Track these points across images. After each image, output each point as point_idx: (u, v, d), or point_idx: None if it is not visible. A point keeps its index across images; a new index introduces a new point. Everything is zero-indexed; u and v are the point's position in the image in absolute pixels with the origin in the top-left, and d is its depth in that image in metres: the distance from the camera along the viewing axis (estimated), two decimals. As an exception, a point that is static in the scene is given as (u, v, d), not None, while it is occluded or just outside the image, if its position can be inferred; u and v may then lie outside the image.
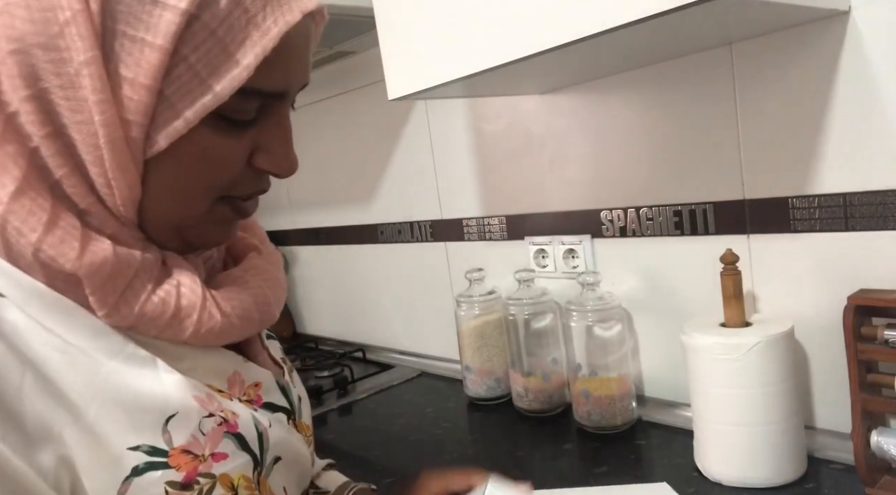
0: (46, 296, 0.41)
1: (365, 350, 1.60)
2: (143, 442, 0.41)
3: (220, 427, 0.45)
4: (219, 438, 0.45)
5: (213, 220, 0.48)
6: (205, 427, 0.44)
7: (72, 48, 0.39)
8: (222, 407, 0.46)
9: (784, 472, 0.81)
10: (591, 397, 1.04)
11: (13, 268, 0.41)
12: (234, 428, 0.46)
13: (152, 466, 0.41)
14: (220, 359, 0.49)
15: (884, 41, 0.77)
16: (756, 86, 0.88)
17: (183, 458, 0.42)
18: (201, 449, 0.43)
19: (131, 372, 0.42)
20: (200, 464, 0.43)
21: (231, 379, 0.49)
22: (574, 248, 1.15)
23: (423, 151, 1.41)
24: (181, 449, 0.42)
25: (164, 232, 0.47)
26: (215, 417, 0.45)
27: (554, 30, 0.71)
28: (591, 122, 1.09)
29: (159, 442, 0.42)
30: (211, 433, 0.44)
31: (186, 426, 0.43)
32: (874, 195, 0.80)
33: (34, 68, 0.39)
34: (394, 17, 0.91)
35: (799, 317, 0.86)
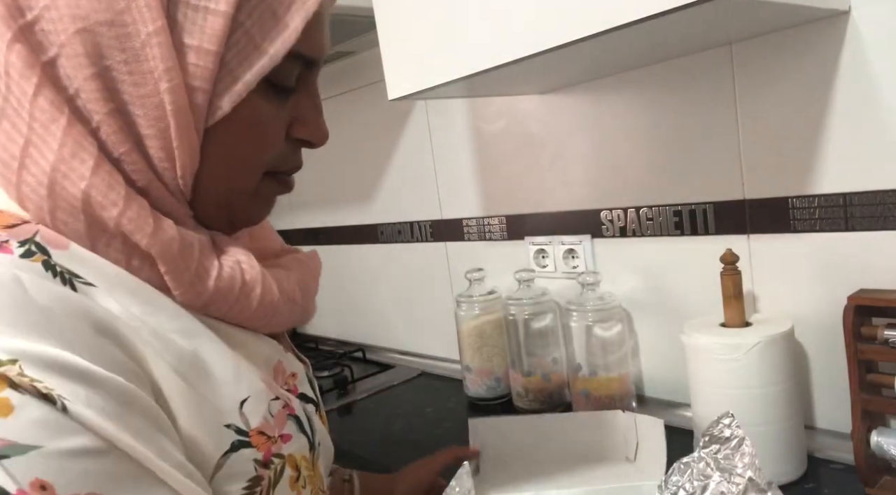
0: (129, 281, 0.42)
1: (365, 350, 1.60)
2: (232, 422, 0.43)
3: (285, 409, 0.47)
4: (284, 420, 0.47)
5: (258, 196, 0.49)
6: (273, 409, 0.46)
7: (138, 21, 0.40)
8: (281, 391, 0.48)
9: (784, 472, 0.80)
10: (591, 397, 1.04)
11: (92, 254, 0.41)
12: (293, 410, 0.48)
13: (243, 444, 0.43)
14: (268, 347, 0.51)
15: (884, 41, 0.77)
16: (756, 86, 0.88)
17: (260, 439, 0.44)
18: (272, 430, 0.45)
19: (209, 355, 0.44)
20: (273, 445, 0.45)
21: (276, 367, 0.51)
22: (574, 248, 1.15)
23: (423, 151, 1.41)
24: (257, 431, 0.44)
25: (214, 208, 0.47)
26: (280, 400, 0.47)
27: (554, 30, 0.71)
28: (591, 122, 1.09)
29: (240, 423, 0.43)
30: (278, 415, 0.46)
31: (258, 408, 0.45)
32: (874, 195, 0.80)
33: (99, 46, 0.40)
34: (394, 17, 0.91)
35: (799, 317, 0.86)
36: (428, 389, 1.36)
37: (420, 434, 1.12)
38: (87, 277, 0.40)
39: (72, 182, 0.40)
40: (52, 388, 0.34)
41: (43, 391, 0.33)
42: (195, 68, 0.42)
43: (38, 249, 0.39)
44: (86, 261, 0.41)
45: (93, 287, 0.40)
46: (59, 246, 0.41)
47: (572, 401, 1.09)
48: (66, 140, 0.40)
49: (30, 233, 0.40)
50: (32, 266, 0.38)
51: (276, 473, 0.45)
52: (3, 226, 0.40)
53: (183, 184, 0.44)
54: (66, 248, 0.41)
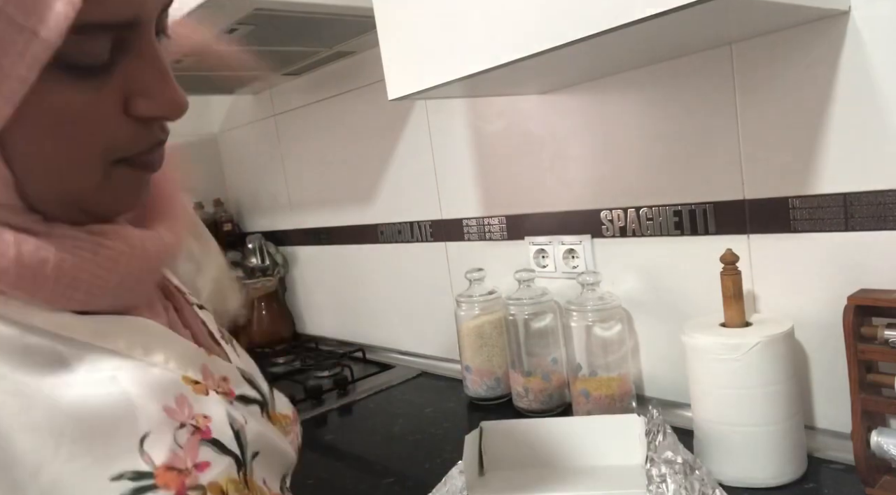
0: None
1: (365, 350, 1.60)
2: (125, 469, 0.38)
3: (195, 436, 0.42)
4: (196, 447, 0.42)
5: (115, 187, 0.42)
6: (180, 439, 0.41)
7: None
8: (193, 413, 0.43)
9: (784, 472, 0.80)
10: (591, 397, 1.04)
11: None
12: (208, 433, 0.43)
13: (140, 490, 0.38)
14: (189, 349, 0.47)
15: (884, 41, 0.77)
16: (756, 86, 0.88)
17: (169, 475, 0.40)
18: (183, 462, 0.41)
19: (91, 390, 0.39)
20: (187, 478, 0.40)
21: (203, 371, 0.47)
22: (574, 248, 1.15)
23: (423, 151, 1.41)
24: (165, 467, 0.40)
25: (64, 210, 0.41)
26: (187, 427, 0.42)
27: (554, 30, 0.71)
28: (591, 122, 1.09)
29: (141, 465, 0.39)
30: (187, 444, 0.42)
31: (162, 442, 0.40)
32: (874, 195, 0.80)
33: None
34: (394, 17, 0.91)
35: (799, 317, 0.86)
36: (428, 389, 1.36)
37: (420, 434, 1.12)
38: None
39: None
40: None
41: None
42: None
43: None
44: None
45: None
46: None
47: (572, 401, 1.09)
48: None
49: None
50: None
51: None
52: None
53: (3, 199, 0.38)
54: None
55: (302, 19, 1.12)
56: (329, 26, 1.21)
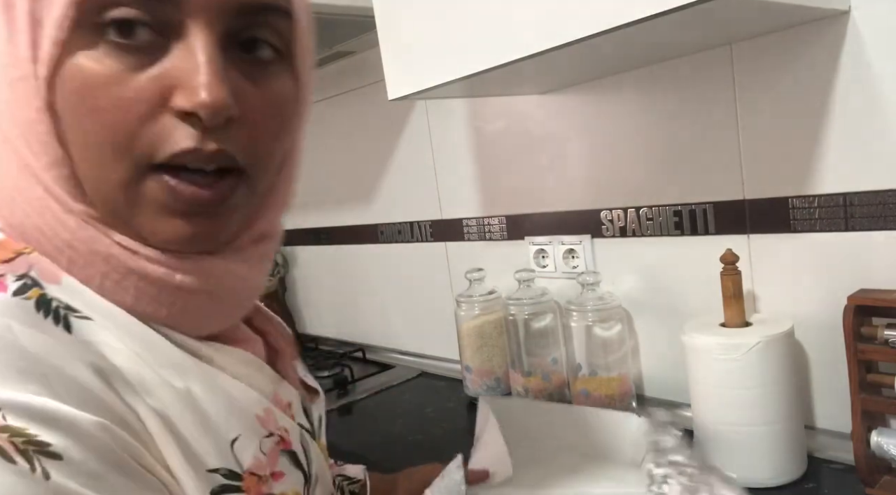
0: (119, 315, 0.40)
1: (365, 350, 1.60)
2: (221, 466, 0.40)
3: (278, 446, 0.44)
4: (276, 457, 0.44)
5: (145, 201, 0.40)
6: (265, 446, 0.43)
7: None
8: (278, 425, 0.45)
9: (784, 472, 0.80)
10: (591, 397, 1.04)
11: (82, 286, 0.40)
12: (289, 445, 0.45)
13: (227, 489, 0.40)
14: (266, 375, 0.48)
15: (884, 41, 0.77)
16: (756, 86, 0.88)
17: (251, 480, 0.42)
18: (263, 469, 0.43)
19: (201, 393, 0.41)
20: (264, 485, 0.42)
21: (274, 398, 0.48)
22: (574, 248, 1.15)
23: (423, 151, 1.41)
24: (249, 472, 0.42)
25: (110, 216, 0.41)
26: (274, 436, 0.44)
27: (554, 30, 0.71)
28: (591, 122, 1.09)
29: (233, 465, 0.41)
30: (270, 452, 0.44)
31: (249, 448, 0.42)
32: (874, 195, 0.80)
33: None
34: (394, 17, 0.91)
35: (799, 317, 0.86)
36: (428, 389, 1.36)
37: (420, 434, 1.12)
38: (83, 310, 0.39)
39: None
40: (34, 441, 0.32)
41: (21, 448, 0.32)
42: (17, 36, 0.37)
43: (34, 284, 0.38)
44: (77, 293, 0.39)
45: (89, 320, 0.39)
46: (52, 279, 0.39)
47: (572, 401, 1.08)
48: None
49: (25, 266, 0.39)
50: (25, 306, 0.37)
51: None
52: (0, 260, 0.39)
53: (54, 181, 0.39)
54: (59, 282, 0.39)
55: (302, 19, 1.12)
56: (329, 26, 1.21)
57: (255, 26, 0.41)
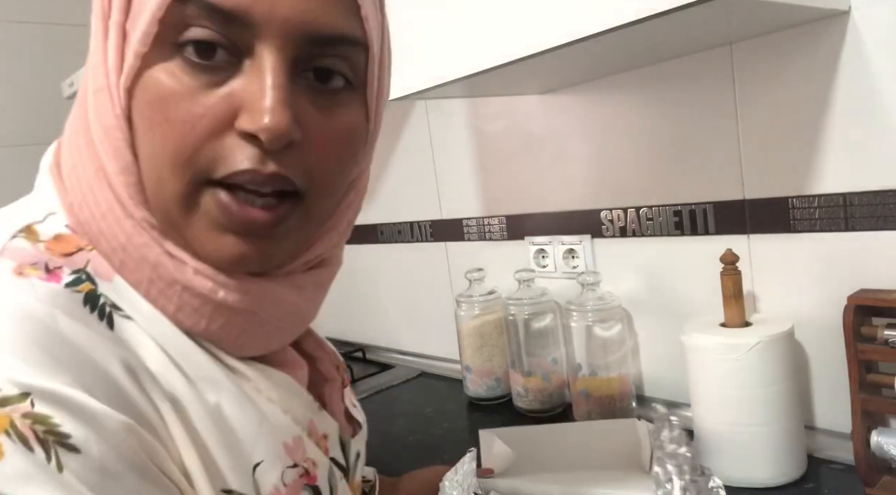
0: (160, 321, 0.41)
1: (365, 350, 1.60)
2: (235, 488, 0.40)
3: (301, 478, 0.44)
4: (298, 490, 0.43)
5: (198, 214, 0.40)
6: (287, 477, 0.43)
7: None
8: (306, 456, 0.45)
9: (784, 472, 0.80)
10: (591, 397, 1.04)
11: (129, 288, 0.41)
12: (314, 480, 0.45)
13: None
14: (302, 401, 0.48)
15: (884, 41, 0.77)
16: (756, 86, 0.88)
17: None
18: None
19: (232, 410, 0.41)
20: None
21: (309, 426, 0.48)
22: (574, 248, 1.15)
23: (423, 151, 1.41)
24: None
25: (166, 226, 0.42)
26: (298, 468, 0.44)
27: (554, 30, 0.71)
28: (591, 122, 1.09)
29: (249, 490, 0.41)
30: (292, 484, 0.43)
31: (271, 475, 0.42)
32: (874, 195, 0.80)
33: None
34: (393, 17, 0.91)
35: (799, 317, 0.86)
36: (428, 389, 1.36)
37: (420, 434, 1.12)
38: (126, 310, 0.40)
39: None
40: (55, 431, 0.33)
41: (41, 437, 0.32)
42: (109, 46, 0.40)
43: (87, 279, 0.39)
44: (125, 293, 0.41)
45: (131, 320, 0.40)
46: (106, 277, 0.41)
47: (572, 401, 1.08)
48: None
49: (83, 262, 0.40)
50: (73, 298, 0.38)
51: None
52: (62, 252, 0.40)
53: (122, 188, 0.41)
54: (111, 280, 0.41)
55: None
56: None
57: (328, 56, 0.41)
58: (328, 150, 0.42)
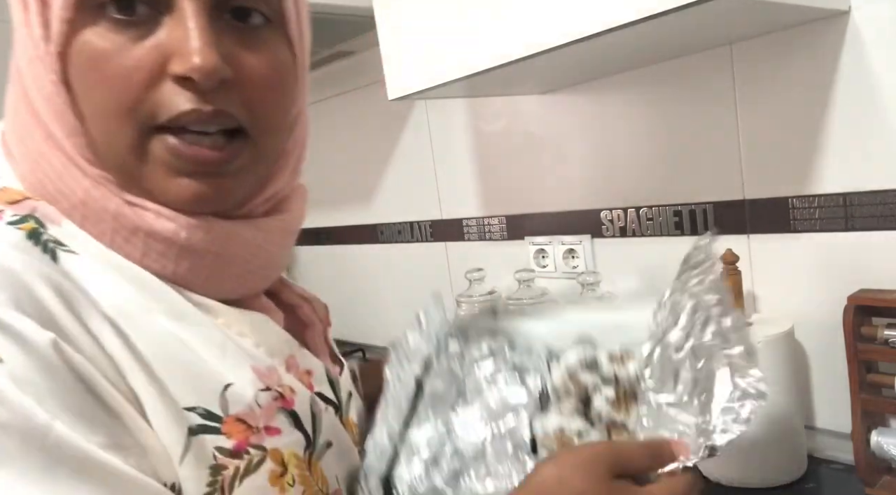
0: (114, 258, 0.42)
1: (365, 350, 1.60)
2: (199, 405, 0.41)
3: (276, 402, 0.45)
4: (273, 413, 0.45)
5: (151, 161, 0.42)
6: (261, 399, 0.44)
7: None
8: (281, 382, 0.46)
9: (784, 472, 0.80)
10: (591, 397, 1.03)
11: (83, 232, 0.43)
12: (290, 404, 0.46)
13: (204, 429, 0.41)
14: (276, 338, 0.49)
15: (884, 41, 0.77)
16: (756, 86, 0.88)
17: (236, 426, 0.43)
18: (255, 420, 0.44)
19: (195, 337, 0.43)
20: (252, 435, 0.43)
21: (288, 361, 0.49)
22: (574, 248, 1.15)
23: (423, 151, 1.41)
24: (235, 418, 0.43)
25: (123, 179, 0.43)
26: (272, 391, 0.45)
27: (554, 30, 0.71)
28: (591, 122, 1.09)
29: (215, 408, 0.42)
30: (266, 406, 0.44)
31: (242, 396, 0.43)
32: (874, 195, 0.80)
33: None
34: (394, 17, 0.91)
35: (799, 317, 0.86)
36: (428, 389, 1.35)
37: (420, 434, 1.12)
38: (72, 247, 0.41)
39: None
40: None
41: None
42: (32, 17, 0.41)
43: (32, 220, 0.41)
44: (76, 236, 0.42)
45: (74, 254, 0.41)
46: (53, 221, 0.42)
47: (572, 401, 1.08)
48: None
49: (29, 208, 0.42)
50: (16, 233, 0.40)
51: (251, 464, 0.43)
52: (7, 201, 0.42)
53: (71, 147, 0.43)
54: (59, 224, 0.42)
55: (302, 19, 1.12)
56: (329, 26, 1.21)
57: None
58: (262, 84, 0.44)
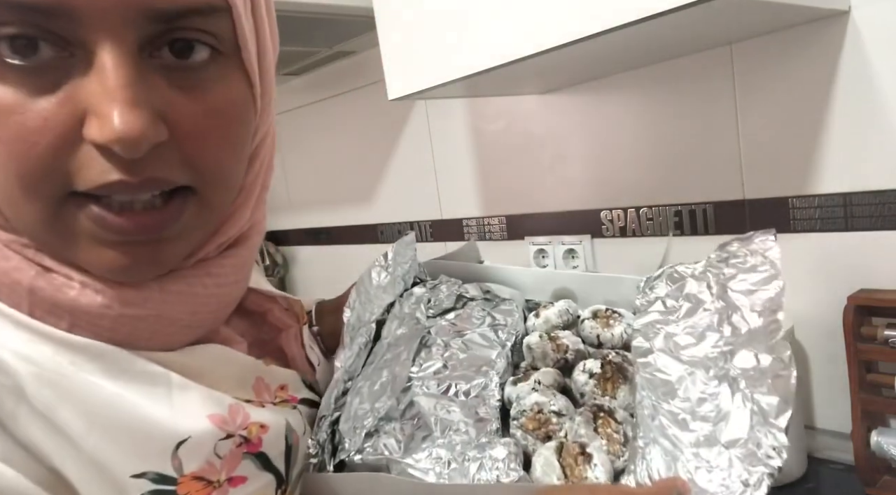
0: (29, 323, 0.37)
1: (365, 350, 1.59)
2: (148, 469, 0.37)
3: (240, 448, 0.41)
4: (237, 461, 0.40)
5: (74, 233, 0.36)
6: (221, 450, 0.39)
7: None
8: (247, 422, 0.41)
9: (784, 472, 0.80)
10: (591, 397, 1.03)
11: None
12: (257, 447, 0.42)
13: (159, 494, 0.37)
14: (237, 366, 0.45)
15: (884, 41, 0.77)
16: (756, 86, 0.88)
17: (194, 485, 0.38)
18: (216, 474, 0.39)
19: (138, 394, 0.37)
20: (214, 491, 0.39)
21: (255, 387, 0.45)
22: (574, 248, 1.15)
23: (423, 151, 1.41)
24: (192, 476, 0.38)
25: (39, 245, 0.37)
26: (234, 438, 0.40)
27: (554, 30, 0.71)
28: (591, 122, 1.09)
29: (167, 469, 0.37)
30: (229, 456, 0.40)
31: (200, 451, 0.39)
32: (874, 195, 0.80)
33: None
34: (394, 17, 0.91)
35: (799, 317, 0.86)
36: (428, 389, 1.35)
37: (420, 434, 1.12)
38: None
39: None
40: None
41: None
42: None
43: None
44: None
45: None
46: None
47: (572, 401, 1.08)
48: None
49: None
50: None
51: None
52: None
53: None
54: None
55: (302, 19, 1.12)
56: (329, 26, 1.21)
57: (182, 29, 0.35)
58: (206, 136, 0.36)
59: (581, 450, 0.42)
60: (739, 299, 0.44)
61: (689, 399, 0.42)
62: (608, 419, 0.45)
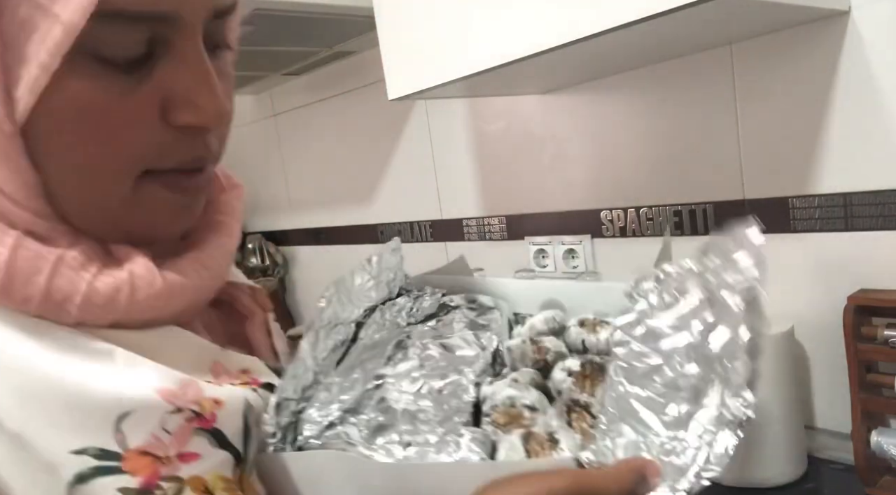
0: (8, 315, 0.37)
1: (365, 350, 1.59)
2: (89, 445, 0.35)
3: (190, 423, 0.39)
4: (187, 436, 0.38)
5: (146, 205, 0.40)
6: (169, 424, 0.38)
7: None
8: (199, 397, 0.40)
9: (784, 472, 0.80)
10: (591, 397, 1.03)
11: None
12: (210, 422, 0.40)
13: (101, 471, 0.35)
14: (195, 348, 0.44)
15: (884, 41, 0.77)
16: (756, 85, 0.88)
17: (140, 461, 0.37)
18: (164, 449, 0.37)
19: (78, 368, 0.37)
20: (163, 467, 0.37)
21: (213, 369, 0.44)
22: (574, 248, 1.15)
23: (423, 151, 1.41)
24: (138, 451, 0.37)
25: (94, 222, 0.39)
26: (184, 412, 0.38)
27: (554, 30, 0.71)
28: (591, 122, 1.09)
29: (110, 444, 0.36)
30: (178, 430, 0.38)
31: (145, 424, 0.37)
32: (874, 195, 0.80)
33: None
34: (394, 17, 0.91)
35: (799, 317, 0.86)
36: (428, 389, 1.35)
37: (420, 434, 1.12)
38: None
39: None
40: None
41: None
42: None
43: None
44: None
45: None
46: None
47: (572, 401, 1.09)
48: None
49: None
50: None
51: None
52: None
53: (26, 201, 0.37)
54: None
55: (302, 19, 1.12)
56: (329, 26, 1.21)
57: (218, 27, 0.41)
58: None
59: (549, 437, 0.41)
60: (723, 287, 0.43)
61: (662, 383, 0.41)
62: (583, 413, 0.43)
